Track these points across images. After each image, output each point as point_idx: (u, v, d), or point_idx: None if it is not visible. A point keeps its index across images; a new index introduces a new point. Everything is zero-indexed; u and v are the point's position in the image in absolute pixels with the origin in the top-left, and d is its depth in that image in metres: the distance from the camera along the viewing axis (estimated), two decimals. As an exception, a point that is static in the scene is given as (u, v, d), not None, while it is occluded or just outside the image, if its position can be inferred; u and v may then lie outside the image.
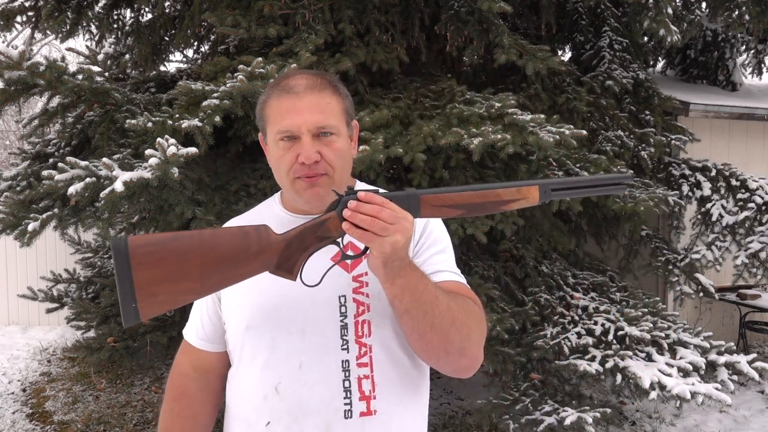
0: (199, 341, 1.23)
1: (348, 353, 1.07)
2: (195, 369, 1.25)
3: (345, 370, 1.07)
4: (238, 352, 1.15)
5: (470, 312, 1.06)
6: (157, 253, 0.90)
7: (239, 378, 1.15)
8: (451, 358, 1.05)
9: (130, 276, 0.89)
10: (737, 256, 3.93)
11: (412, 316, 0.99)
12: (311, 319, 1.08)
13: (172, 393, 1.25)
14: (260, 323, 1.10)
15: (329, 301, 1.08)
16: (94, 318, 3.74)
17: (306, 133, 1.05)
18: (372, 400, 1.07)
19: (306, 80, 1.09)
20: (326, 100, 1.08)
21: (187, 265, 0.91)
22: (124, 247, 0.89)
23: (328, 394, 1.06)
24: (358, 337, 1.08)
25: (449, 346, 1.02)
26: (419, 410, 1.15)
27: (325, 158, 1.06)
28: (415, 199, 0.99)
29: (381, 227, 0.91)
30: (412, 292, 0.97)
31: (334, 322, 1.08)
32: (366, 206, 0.92)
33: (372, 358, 1.08)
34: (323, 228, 0.98)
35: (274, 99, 1.09)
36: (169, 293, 0.91)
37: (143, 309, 0.90)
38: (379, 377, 1.08)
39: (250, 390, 1.12)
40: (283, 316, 1.09)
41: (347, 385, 1.07)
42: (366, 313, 1.09)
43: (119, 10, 4.63)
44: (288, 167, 1.08)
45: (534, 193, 1.03)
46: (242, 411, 1.14)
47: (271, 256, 0.97)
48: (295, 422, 1.07)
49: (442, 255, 1.15)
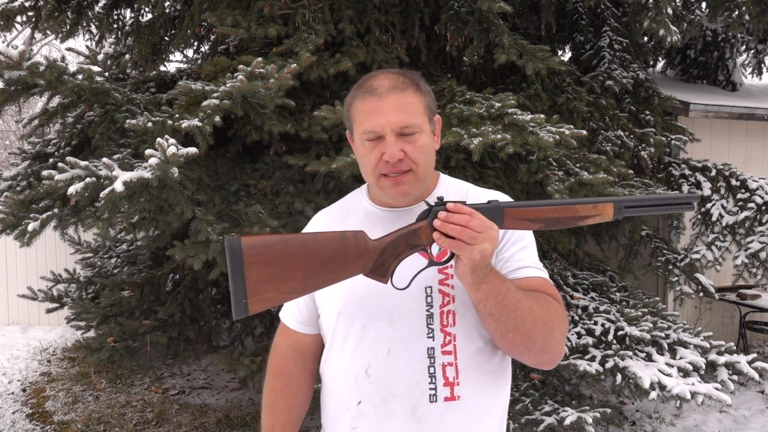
0: (296, 324, 1.32)
1: (433, 341, 1.14)
2: (292, 349, 1.34)
3: (430, 357, 1.13)
4: (331, 335, 1.23)
5: (552, 311, 1.11)
6: (266, 254, 0.97)
7: (332, 358, 1.24)
8: (533, 354, 1.11)
9: (242, 274, 0.96)
10: (737, 256, 3.93)
11: (495, 318, 1.05)
12: (399, 308, 1.15)
13: (273, 372, 1.35)
14: (351, 310, 1.18)
15: (416, 292, 1.14)
16: (94, 318, 3.74)
17: (390, 133, 1.11)
18: (456, 386, 1.13)
19: (388, 81, 1.14)
20: (408, 100, 1.13)
21: (291, 267, 0.98)
22: (238, 248, 0.96)
23: (414, 378, 1.13)
24: (443, 326, 1.14)
25: (531, 345, 1.08)
26: (501, 397, 1.21)
27: (409, 155, 1.12)
28: (499, 211, 1.05)
29: (470, 236, 0.97)
30: (496, 296, 1.03)
31: (421, 312, 1.15)
32: (455, 216, 0.98)
33: (456, 346, 1.14)
34: (415, 236, 1.05)
35: (359, 101, 1.15)
36: (275, 291, 0.98)
37: (252, 305, 0.97)
38: (462, 365, 1.14)
39: (342, 370, 1.20)
40: (372, 305, 1.16)
41: (432, 371, 1.13)
42: (451, 304, 1.15)
43: (119, 10, 4.63)
44: (374, 165, 1.13)
45: (609, 210, 1.08)
46: (335, 388, 1.22)
47: (368, 261, 1.04)
48: (383, 403, 1.14)
49: (526, 251, 1.20)
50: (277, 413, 1.32)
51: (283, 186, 3.07)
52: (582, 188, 2.91)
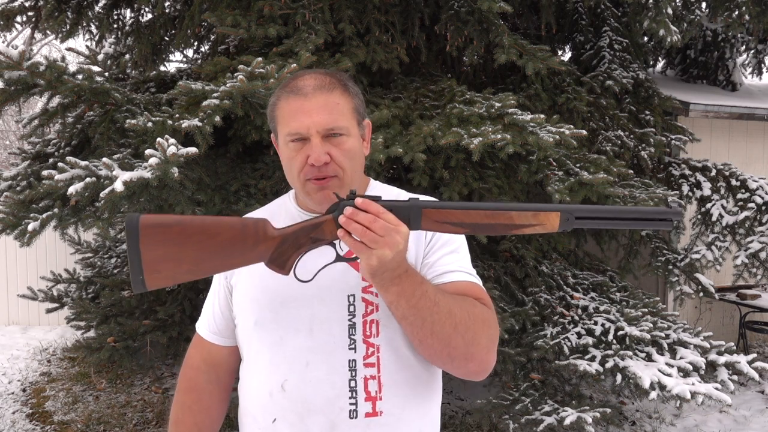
0: (210, 335, 1.24)
1: (355, 353, 1.07)
2: (205, 362, 1.26)
3: (351, 369, 1.06)
4: (247, 347, 1.16)
5: (476, 316, 1.03)
6: (163, 234, 0.96)
7: (248, 374, 1.16)
8: (457, 363, 1.04)
9: (138, 251, 0.95)
10: (737, 256, 3.93)
11: (409, 322, 0.98)
12: (319, 317, 1.08)
13: (183, 385, 1.26)
14: (268, 320, 1.11)
15: (338, 299, 1.08)
16: (94, 318, 3.74)
17: (315, 135, 1.05)
18: (378, 401, 1.06)
19: (314, 81, 1.08)
20: (335, 101, 1.07)
21: (187, 249, 0.97)
22: (135, 224, 0.95)
23: (334, 393, 1.06)
24: (366, 336, 1.07)
25: (453, 351, 1.01)
26: (428, 412, 1.14)
27: (335, 159, 1.06)
28: (416, 211, 0.97)
29: (371, 239, 0.90)
30: (408, 299, 0.96)
31: (342, 321, 1.08)
32: (361, 215, 0.91)
33: (379, 358, 1.07)
34: (318, 230, 0.99)
35: (283, 100, 1.09)
36: (170, 271, 0.97)
37: (150, 281, 0.97)
38: (385, 378, 1.07)
39: (257, 386, 1.13)
40: (291, 314, 1.09)
41: (353, 384, 1.06)
42: (374, 313, 1.08)
43: (119, 10, 4.63)
44: (299, 169, 1.07)
45: (554, 221, 0.97)
46: (250, 406, 1.15)
47: (266, 250, 0.99)
48: (300, 420, 1.07)
49: (453, 255, 1.13)
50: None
51: (283, 186, 3.07)
52: (582, 188, 2.91)
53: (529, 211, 0.97)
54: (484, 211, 0.97)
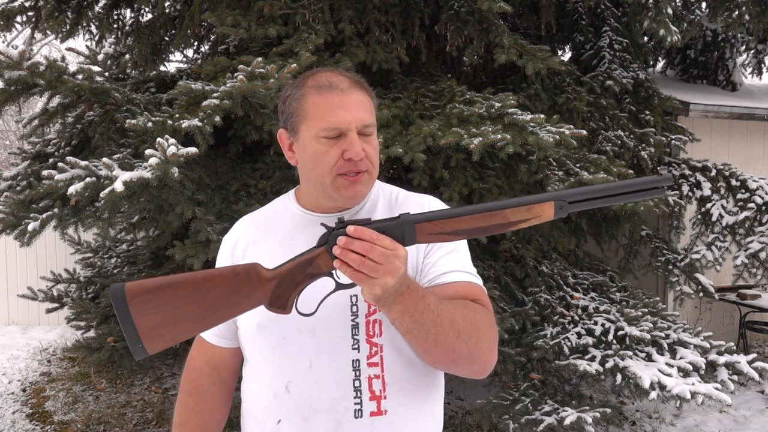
0: (212, 337, 1.24)
1: (359, 353, 1.07)
2: (208, 364, 1.26)
3: (355, 369, 1.07)
4: (250, 350, 1.16)
5: (478, 321, 1.03)
6: (154, 301, 0.94)
7: (251, 376, 1.16)
8: (460, 366, 1.05)
9: (131, 322, 0.93)
10: (737, 256, 3.93)
11: (414, 336, 0.98)
12: (322, 318, 1.07)
13: (186, 387, 1.26)
14: (271, 323, 1.10)
15: (340, 300, 1.08)
16: (94, 318, 3.74)
17: (354, 130, 1.05)
18: (382, 400, 1.07)
19: (347, 78, 1.09)
20: (366, 98, 1.09)
21: (183, 311, 0.95)
22: (122, 298, 0.93)
23: (338, 393, 1.06)
24: (369, 336, 1.08)
25: (456, 357, 1.02)
26: (431, 411, 1.14)
27: (368, 155, 1.07)
28: (410, 227, 0.95)
29: (371, 268, 0.88)
30: (411, 314, 0.95)
31: (345, 321, 1.08)
32: (356, 243, 0.89)
33: (383, 357, 1.07)
34: (313, 265, 0.97)
35: (315, 95, 1.07)
36: (171, 333, 0.96)
37: (149, 347, 0.95)
38: (389, 377, 1.07)
39: (261, 388, 1.13)
40: (293, 315, 1.08)
41: (357, 384, 1.06)
42: (377, 313, 1.08)
43: (119, 10, 4.63)
44: (332, 164, 1.05)
45: (548, 210, 0.96)
46: (254, 408, 1.15)
47: (264, 295, 0.98)
48: (305, 421, 1.07)
49: (453, 254, 1.13)
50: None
51: (283, 186, 3.07)
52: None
53: (522, 206, 0.96)
54: (478, 214, 0.96)
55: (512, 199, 0.96)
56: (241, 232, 1.21)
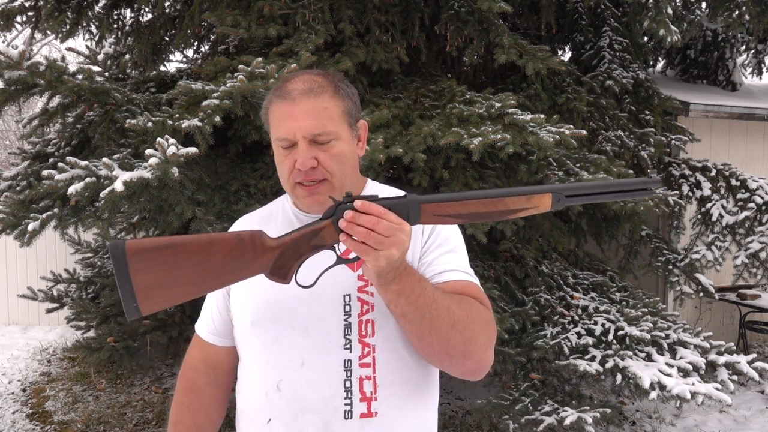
0: (209, 335, 1.25)
1: (350, 353, 1.06)
2: (204, 363, 1.26)
3: (347, 369, 1.06)
4: (244, 347, 1.16)
5: (474, 314, 1.03)
6: (153, 260, 0.93)
7: (244, 374, 1.17)
8: (455, 361, 1.03)
9: (129, 280, 0.92)
10: (737, 256, 3.94)
11: (408, 320, 0.98)
12: (315, 316, 1.08)
13: (182, 386, 1.26)
14: (264, 319, 1.11)
15: (333, 299, 1.08)
16: (94, 318, 3.74)
17: (302, 140, 1.04)
18: (373, 402, 1.06)
19: (303, 84, 1.07)
20: (323, 105, 1.06)
21: (183, 272, 0.94)
22: (122, 254, 0.92)
23: (329, 393, 1.06)
24: (362, 336, 1.07)
25: (451, 349, 1.01)
26: (425, 414, 1.13)
27: (322, 164, 1.05)
28: (415, 206, 0.97)
29: (377, 240, 0.89)
30: (408, 296, 0.96)
31: (338, 321, 1.07)
32: (363, 217, 0.89)
33: (375, 358, 1.07)
34: (318, 237, 0.97)
35: (274, 104, 1.09)
36: (166, 295, 0.95)
37: (144, 308, 0.94)
38: (381, 378, 1.07)
39: (253, 386, 1.13)
40: (286, 313, 1.09)
41: (348, 385, 1.06)
42: (370, 313, 1.08)
43: (119, 10, 4.63)
44: (288, 173, 1.08)
45: (546, 202, 0.99)
46: (246, 407, 1.15)
47: (266, 263, 0.98)
48: (294, 420, 1.07)
49: (451, 254, 1.13)
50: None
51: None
52: (582, 188, 2.90)
53: (522, 196, 0.99)
54: (480, 200, 0.99)
55: (513, 188, 1.00)
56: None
